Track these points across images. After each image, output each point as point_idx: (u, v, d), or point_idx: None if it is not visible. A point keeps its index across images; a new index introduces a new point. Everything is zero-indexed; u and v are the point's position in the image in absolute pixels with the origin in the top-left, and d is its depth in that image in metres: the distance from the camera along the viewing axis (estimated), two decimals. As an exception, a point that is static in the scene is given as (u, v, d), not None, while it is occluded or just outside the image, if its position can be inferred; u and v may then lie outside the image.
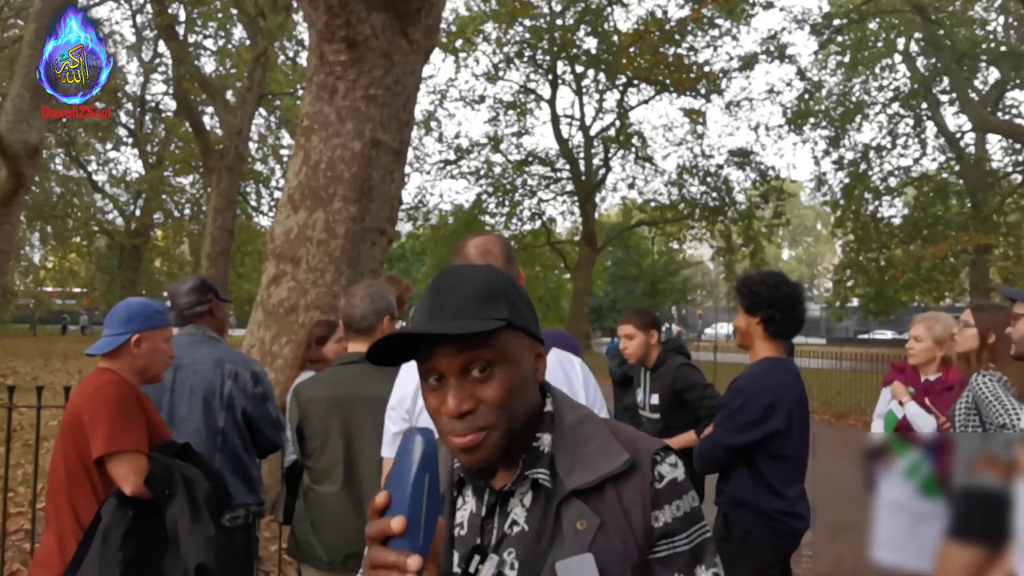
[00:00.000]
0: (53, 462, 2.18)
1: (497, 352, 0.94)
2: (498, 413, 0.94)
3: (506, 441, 0.96)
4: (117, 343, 2.23)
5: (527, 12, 20.39)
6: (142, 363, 2.27)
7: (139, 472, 2.06)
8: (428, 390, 0.97)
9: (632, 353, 3.73)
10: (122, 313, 2.27)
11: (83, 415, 2.10)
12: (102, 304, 40.62)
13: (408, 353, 0.98)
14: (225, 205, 18.41)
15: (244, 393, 2.74)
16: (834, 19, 21.59)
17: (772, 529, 2.58)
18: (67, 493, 2.11)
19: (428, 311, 0.96)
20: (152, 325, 2.28)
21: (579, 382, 1.84)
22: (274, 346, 4.83)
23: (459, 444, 0.94)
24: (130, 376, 2.24)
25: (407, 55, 5.13)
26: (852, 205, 22.63)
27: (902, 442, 1.25)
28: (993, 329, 2.84)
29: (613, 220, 34.63)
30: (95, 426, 2.07)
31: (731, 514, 2.65)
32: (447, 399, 0.94)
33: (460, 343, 0.93)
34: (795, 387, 2.66)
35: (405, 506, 0.79)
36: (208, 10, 20.85)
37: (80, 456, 2.10)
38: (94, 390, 2.15)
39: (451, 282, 0.98)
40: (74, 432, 2.12)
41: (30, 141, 10.50)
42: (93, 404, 2.11)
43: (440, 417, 0.96)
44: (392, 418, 1.92)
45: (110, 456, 2.06)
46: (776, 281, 2.69)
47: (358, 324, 2.52)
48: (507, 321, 0.94)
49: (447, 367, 0.94)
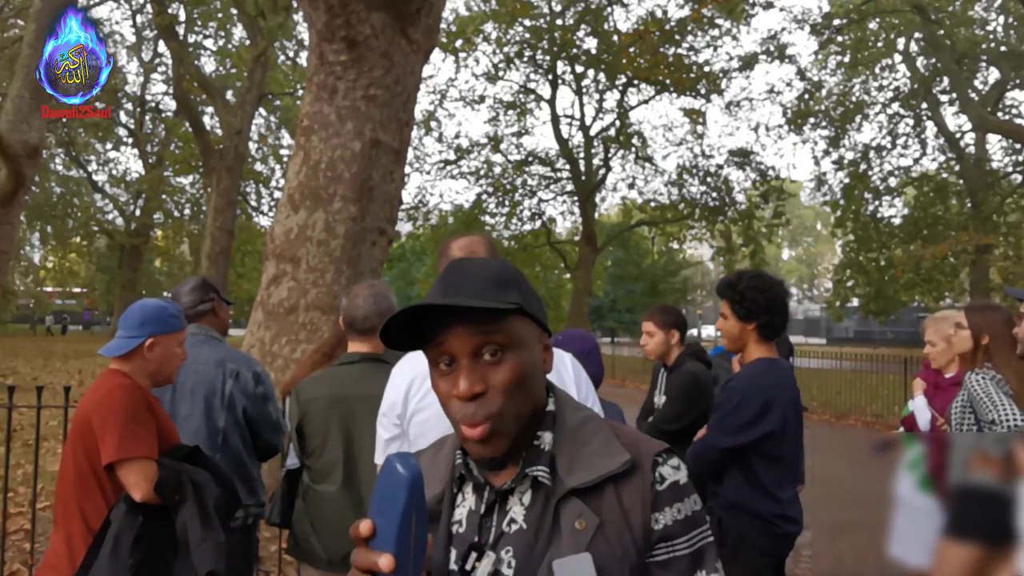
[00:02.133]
0: (63, 464, 2.18)
1: (509, 336, 0.95)
2: (507, 399, 0.94)
3: (516, 429, 0.96)
4: (130, 346, 2.21)
5: (527, 12, 20.38)
6: (154, 367, 2.25)
7: (149, 479, 2.05)
8: (438, 376, 0.97)
9: (651, 351, 3.71)
10: (137, 316, 2.25)
11: (93, 420, 2.09)
12: (102, 304, 40.63)
13: (416, 341, 0.98)
14: (225, 205, 18.42)
15: (245, 393, 2.74)
16: (834, 19, 21.59)
17: (767, 532, 2.56)
18: (76, 496, 2.10)
19: (441, 292, 0.96)
20: (166, 329, 2.27)
21: (570, 379, 1.83)
22: (274, 346, 4.83)
23: (471, 435, 0.94)
24: (142, 379, 2.23)
25: (407, 55, 5.13)
26: (852, 205, 22.62)
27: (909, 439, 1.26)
28: (986, 330, 2.84)
29: (613, 220, 34.59)
30: (105, 432, 2.06)
31: (725, 518, 2.62)
32: (459, 382, 0.94)
33: (474, 324, 0.93)
34: (789, 388, 2.64)
35: (393, 543, 0.78)
36: (208, 10, 20.83)
37: (89, 460, 2.10)
38: (104, 394, 2.13)
39: (464, 269, 0.99)
40: (84, 436, 2.11)
41: (30, 141, 10.50)
42: (103, 409, 2.10)
43: (451, 402, 0.96)
44: (384, 424, 1.91)
45: (120, 463, 2.05)
46: (767, 284, 2.65)
47: (360, 325, 2.52)
48: (519, 306, 0.95)
49: (459, 348, 0.94)
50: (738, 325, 2.68)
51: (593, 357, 2.76)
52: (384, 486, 0.80)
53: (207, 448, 2.63)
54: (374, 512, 0.80)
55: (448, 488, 1.03)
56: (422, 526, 0.80)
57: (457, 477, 1.04)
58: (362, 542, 0.80)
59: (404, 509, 0.78)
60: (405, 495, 0.78)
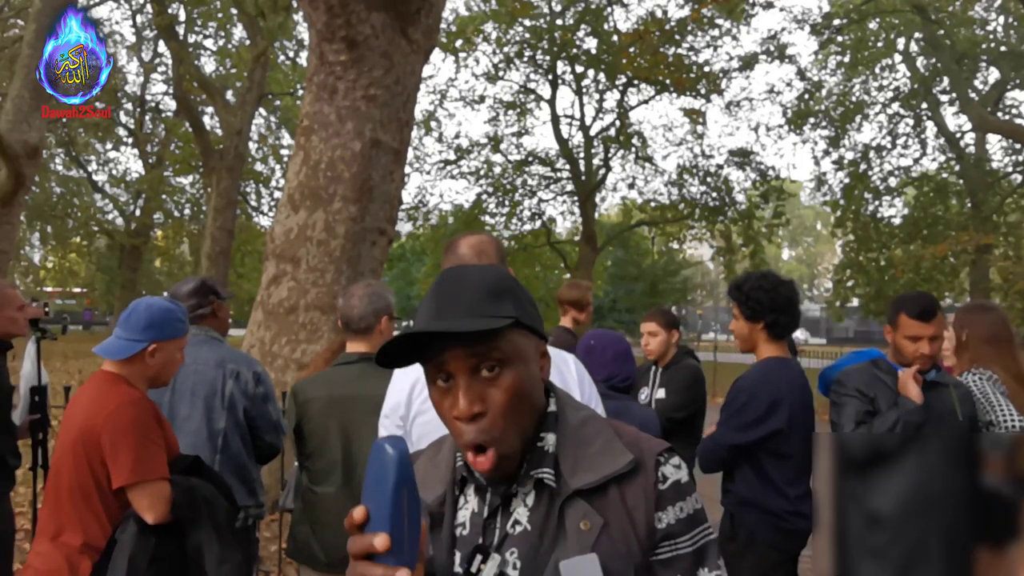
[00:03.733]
0: (56, 472, 2.11)
1: (506, 351, 0.94)
2: (509, 420, 0.94)
3: (520, 444, 0.96)
4: (132, 351, 2.13)
5: (527, 12, 20.34)
6: (153, 372, 2.19)
7: (164, 500, 2.00)
8: (436, 392, 0.96)
9: (653, 350, 3.87)
10: (142, 318, 2.15)
11: (103, 437, 2.01)
12: (102, 304, 40.61)
13: (414, 354, 0.97)
14: (225, 205, 18.39)
15: (245, 393, 2.72)
16: (834, 19, 21.56)
17: (778, 528, 2.59)
18: (75, 509, 2.03)
19: (435, 310, 0.94)
20: (170, 335, 2.19)
21: (574, 380, 1.83)
22: (274, 346, 4.83)
23: (478, 469, 0.94)
24: (139, 383, 2.17)
25: (407, 55, 5.13)
26: (852, 205, 22.59)
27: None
28: (965, 326, 2.85)
29: (613, 220, 34.56)
30: (118, 453, 1.99)
31: (737, 514, 2.66)
32: (458, 400, 0.93)
33: (470, 342, 0.92)
34: (798, 386, 2.66)
35: (387, 522, 0.78)
36: (208, 10, 20.82)
37: (94, 476, 2.03)
38: (114, 410, 2.03)
39: (457, 281, 0.97)
40: (88, 450, 2.03)
41: (30, 141, 10.49)
42: (114, 428, 2.01)
43: (452, 422, 0.95)
44: (386, 426, 1.90)
45: (132, 485, 1.99)
46: (772, 284, 2.69)
47: (356, 324, 2.51)
48: (515, 319, 0.94)
49: (457, 367, 0.93)
50: (747, 325, 2.72)
51: (628, 358, 2.80)
52: (373, 469, 0.80)
53: (207, 449, 2.62)
54: (366, 498, 0.80)
55: (450, 490, 1.02)
56: (414, 503, 0.81)
57: (459, 480, 1.03)
58: (356, 529, 0.80)
59: (394, 487, 0.78)
60: (394, 473, 0.78)
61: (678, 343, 3.94)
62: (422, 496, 1.02)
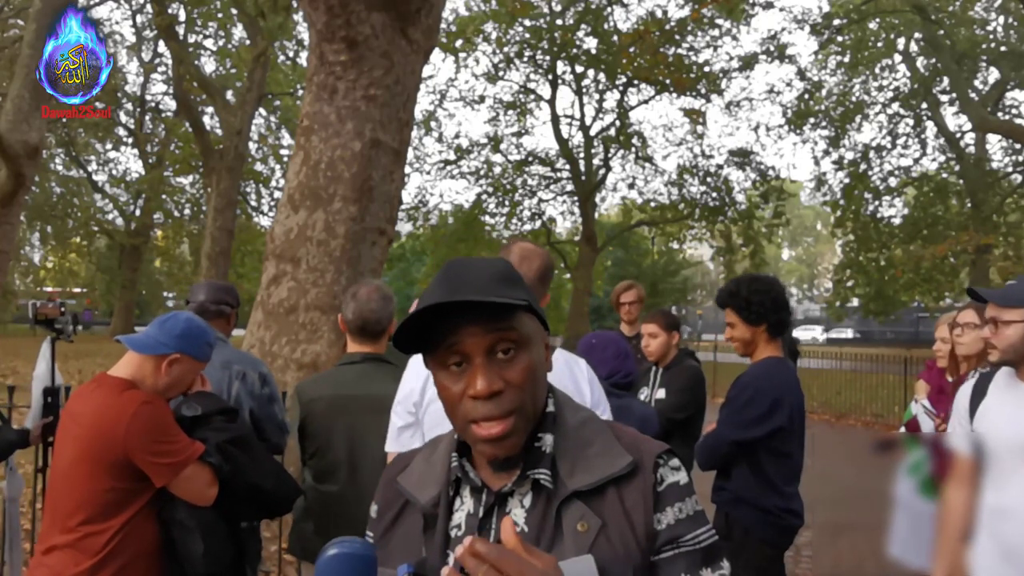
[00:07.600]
0: (58, 477, 2.05)
1: (521, 333, 0.94)
2: (525, 395, 0.94)
3: (529, 426, 0.96)
4: (157, 351, 2.07)
5: (527, 12, 20.33)
6: (164, 384, 2.10)
7: (210, 483, 2.03)
8: (448, 377, 0.95)
9: (654, 351, 3.90)
10: (179, 326, 2.11)
11: (128, 444, 1.94)
12: (102, 304, 40.60)
13: (420, 340, 0.96)
14: (225, 205, 18.41)
15: (251, 394, 2.75)
16: (834, 19, 21.55)
17: (772, 525, 2.63)
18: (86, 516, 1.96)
19: (448, 290, 0.92)
20: (195, 354, 2.14)
21: (585, 381, 1.86)
22: (274, 346, 4.83)
23: (487, 435, 0.92)
24: (146, 390, 2.08)
25: (407, 55, 5.13)
26: (852, 205, 22.60)
27: (910, 441, 1.26)
28: None
29: (613, 220, 34.56)
30: (151, 458, 1.95)
31: (731, 512, 2.68)
32: (475, 381, 0.92)
33: (487, 321, 0.92)
34: (795, 387, 2.71)
35: None
36: (208, 10, 20.79)
37: (114, 484, 1.96)
38: (132, 419, 1.95)
39: (466, 267, 0.97)
40: (107, 457, 1.95)
41: (30, 141, 10.50)
42: (140, 437, 1.94)
43: (464, 402, 0.94)
44: (398, 412, 1.93)
45: (176, 481, 1.99)
46: (767, 286, 2.73)
47: (374, 327, 2.51)
48: (528, 303, 0.94)
49: (473, 347, 0.93)
50: (749, 330, 2.73)
51: (628, 356, 2.86)
52: None
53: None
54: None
55: (444, 491, 1.01)
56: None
57: (453, 480, 1.02)
58: None
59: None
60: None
61: (679, 345, 3.97)
62: (417, 496, 1.02)
